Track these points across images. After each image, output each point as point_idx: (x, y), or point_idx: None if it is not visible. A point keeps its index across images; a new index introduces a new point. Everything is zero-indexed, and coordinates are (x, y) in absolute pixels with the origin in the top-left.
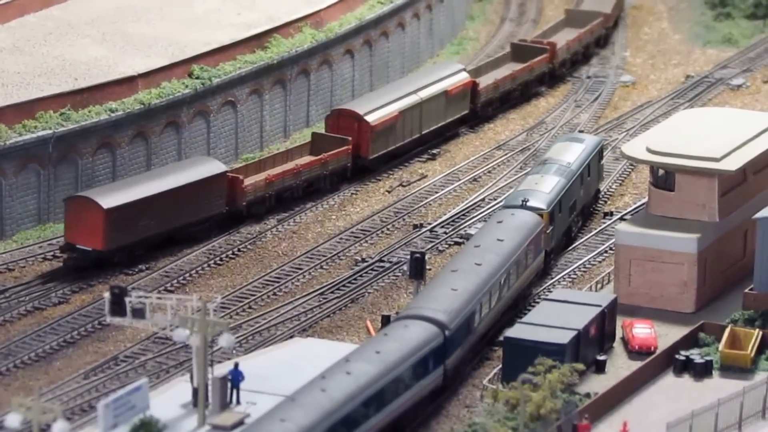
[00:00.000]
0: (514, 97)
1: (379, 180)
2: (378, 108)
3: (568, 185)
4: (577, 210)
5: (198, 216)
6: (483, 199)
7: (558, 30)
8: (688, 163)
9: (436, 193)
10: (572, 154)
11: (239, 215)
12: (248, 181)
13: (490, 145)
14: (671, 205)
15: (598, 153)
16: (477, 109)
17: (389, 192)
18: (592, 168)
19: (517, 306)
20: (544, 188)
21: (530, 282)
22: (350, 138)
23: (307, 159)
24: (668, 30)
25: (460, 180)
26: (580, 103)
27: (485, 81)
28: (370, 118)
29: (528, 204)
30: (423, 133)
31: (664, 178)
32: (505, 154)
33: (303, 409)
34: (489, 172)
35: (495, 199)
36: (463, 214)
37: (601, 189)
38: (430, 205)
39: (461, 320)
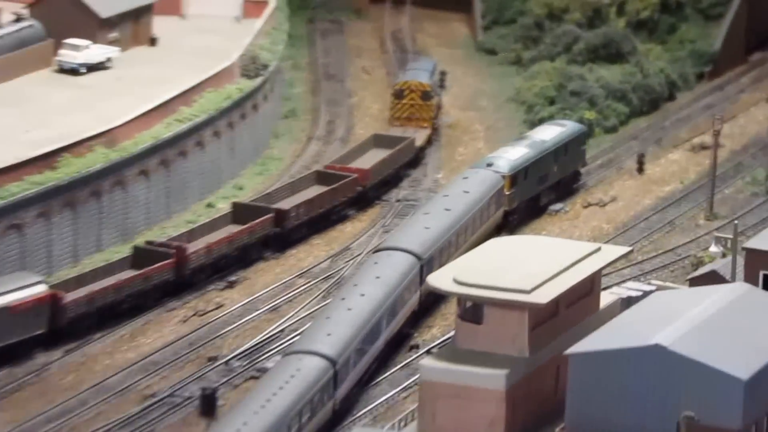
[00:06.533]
0: (122, 310)
1: (174, 309)
2: None
3: (537, 157)
4: (548, 182)
5: None
6: (282, 330)
7: (217, 226)
8: (497, 295)
9: (233, 323)
10: (549, 133)
11: None
12: None
13: (292, 272)
14: (479, 338)
15: (579, 137)
16: (62, 326)
17: (184, 322)
18: (570, 149)
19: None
20: (510, 156)
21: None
22: None
23: None
24: (484, 150)
25: (258, 309)
26: (388, 228)
27: (79, 293)
28: None
29: (491, 167)
30: None
31: (471, 310)
32: (308, 282)
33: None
34: (290, 301)
35: (295, 331)
36: (261, 346)
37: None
38: (227, 336)
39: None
